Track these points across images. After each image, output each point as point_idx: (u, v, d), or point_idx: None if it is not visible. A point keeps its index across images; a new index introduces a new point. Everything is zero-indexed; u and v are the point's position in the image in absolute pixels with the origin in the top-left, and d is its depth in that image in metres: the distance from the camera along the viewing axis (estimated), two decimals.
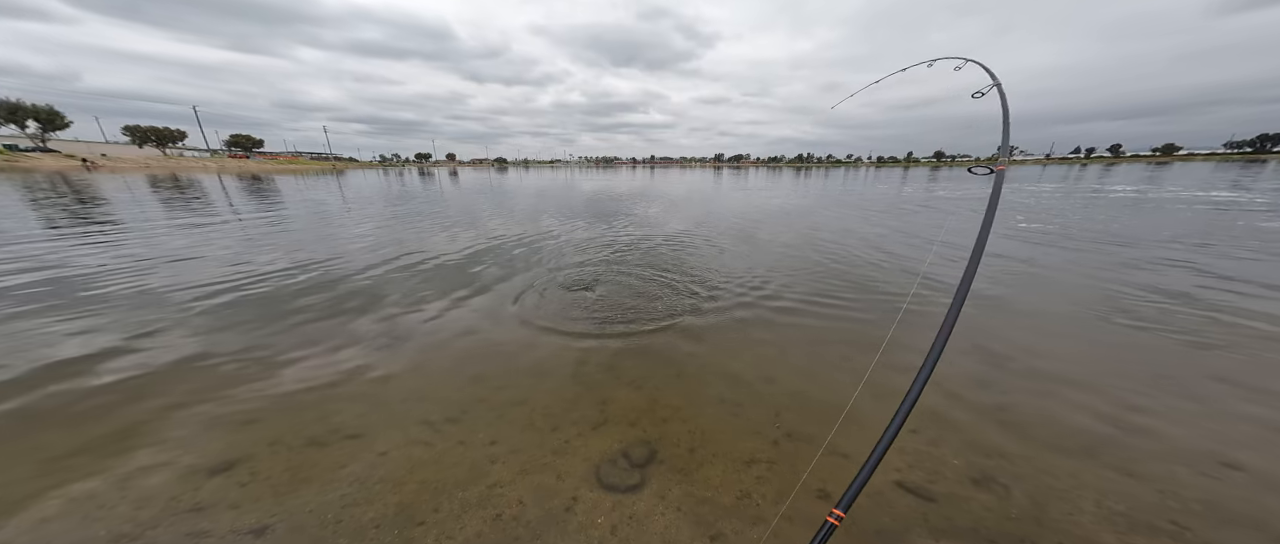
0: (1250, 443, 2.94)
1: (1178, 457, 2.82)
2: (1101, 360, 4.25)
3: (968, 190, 25.84)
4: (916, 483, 2.52)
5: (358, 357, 4.25)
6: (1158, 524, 2.26)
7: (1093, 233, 10.98)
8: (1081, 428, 3.13)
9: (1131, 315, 5.35)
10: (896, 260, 8.45)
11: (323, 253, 8.80)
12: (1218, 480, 2.59)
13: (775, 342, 4.62)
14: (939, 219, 14.66)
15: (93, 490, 2.55)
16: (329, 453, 2.87)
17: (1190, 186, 24.80)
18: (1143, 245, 9.31)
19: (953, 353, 4.34)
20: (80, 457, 2.85)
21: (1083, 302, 5.91)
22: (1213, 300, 5.76)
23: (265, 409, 3.38)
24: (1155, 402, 3.49)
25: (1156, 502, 2.42)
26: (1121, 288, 6.40)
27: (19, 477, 2.65)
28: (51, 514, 2.38)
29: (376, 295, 6.13)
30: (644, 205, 19.07)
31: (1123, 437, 3.03)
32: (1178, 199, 18.51)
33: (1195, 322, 5.08)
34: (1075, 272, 7.41)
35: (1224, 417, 3.26)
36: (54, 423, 3.22)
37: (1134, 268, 7.51)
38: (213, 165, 64.88)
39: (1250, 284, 6.40)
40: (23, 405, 3.42)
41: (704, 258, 8.64)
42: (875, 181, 41.53)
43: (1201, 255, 8.25)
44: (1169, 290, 6.24)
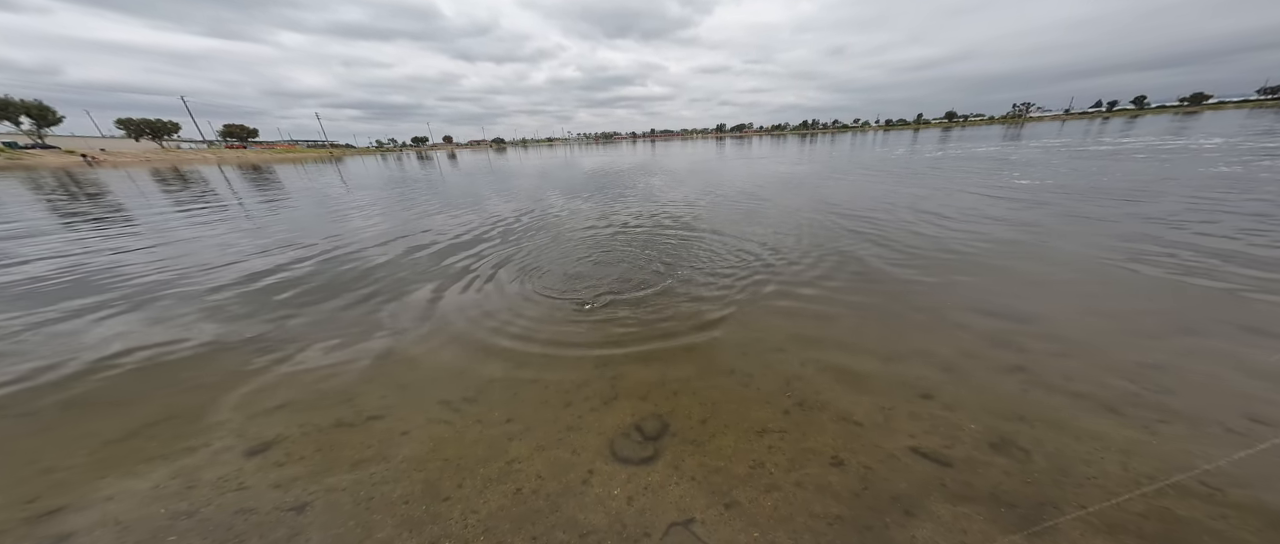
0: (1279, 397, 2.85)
1: (1206, 413, 2.75)
2: (1121, 316, 4.12)
3: (972, 150, 24.70)
4: (932, 448, 2.51)
5: (375, 340, 4.36)
6: (1187, 485, 2.22)
7: (1098, 189, 10.50)
8: (1104, 387, 3.06)
9: (1148, 268, 5.16)
10: (905, 225, 8.22)
11: (335, 240, 8.95)
12: (1247, 437, 2.53)
13: (784, 312, 4.58)
14: (943, 180, 14.18)
15: (146, 472, 2.71)
16: (356, 433, 2.98)
17: (1195, 136, 23.29)
18: (1146, 200, 8.87)
19: (968, 314, 4.26)
20: (132, 441, 3.02)
21: (1096, 258, 5.70)
22: (1221, 249, 5.50)
23: (292, 392, 3.51)
24: (1179, 357, 3.39)
25: (1185, 461, 2.37)
26: (1134, 243, 6.15)
27: (79, 462, 2.83)
28: (113, 493, 2.55)
29: (389, 280, 6.23)
30: (646, 179, 18.85)
31: (1147, 394, 2.95)
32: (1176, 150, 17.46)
33: (1211, 271, 4.88)
34: (1085, 229, 7.13)
35: (1252, 370, 3.16)
36: (103, 411, 3.41)
37: (1145, 221, 7.18)
38: (212, 157, 65.37)
39: (1242, 233, 6.08)
40: (73, 395, 3.62)
41: (708, 230, 8.53)
42: (882, 145, 40.22)
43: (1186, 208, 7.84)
44: (1181, 243, 5.98)
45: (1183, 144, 21.01)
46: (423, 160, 54.92)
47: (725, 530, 2.06)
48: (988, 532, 1.98)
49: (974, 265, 5.72)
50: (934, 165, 18.73)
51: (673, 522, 2.12)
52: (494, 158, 54.34)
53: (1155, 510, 2.10)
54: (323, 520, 2.30)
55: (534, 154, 65.95)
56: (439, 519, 2.25)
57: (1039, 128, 66.60)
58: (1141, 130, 37.24)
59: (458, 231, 9.48)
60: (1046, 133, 46.07)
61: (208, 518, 2.36)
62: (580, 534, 2.11)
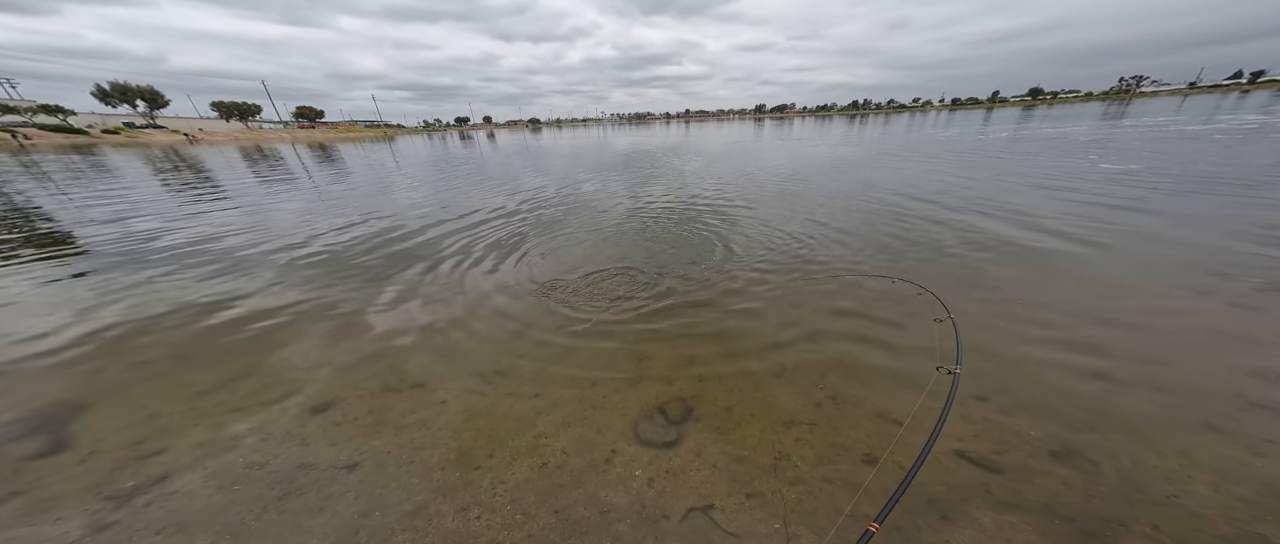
0: None
1: None
2: (1219, 323, 3.57)
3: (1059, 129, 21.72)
4: (980, 454, 2.32)
5: (418, 310, 4.62)
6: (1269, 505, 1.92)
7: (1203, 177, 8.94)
8: (1199, 401, 2.68)
9: (1251, 276, 4.39)
10: (953, 215, 7.49)
11: (389, 215, 9.49)
12: None
13: (820, 302, 4.36)
14: (1008, 164, 12.68)
15: (230, 424, 3.06)
16: (401, 399, 3.20)
17: None
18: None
19: (1038, 310, 3.85)
20: (219, 393, 3.42)
21: (1195, 260, 4.92)
22: None
23: (350, 356, 3.81)
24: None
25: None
26: (1232, 244, 5.24)
27: (179, 410, 3.25)
28: (203, 440, 2.92)
29: (435, 253, 6.55)
30: (680, 160, 18.42)
31: (1251, 412, 2.56)
32: None
33: None
34: (1185, 226, 6.15)
35: None
36: (197, 363, 3.87)
37: (1245, 219, 6.06)
38: (287, 136, 71.95)
39: None
40: (174, 348, 4.13)
41: (743, 215, 8.22)
42: (946, 126, 36.59)
43: None
44: None
45: None
46: (464, 140, 56.76)
47: (745, 519, 2.03)
48: (1034, 541, 1.82)
49: (1047, 257, 5.15)
50: (1010, 145, 16.79)
51: (692, 507, 2.12)
52: (530, 138, 55.14)
53: (1246, 536, 1.84)
54: (370, 480, 2.50)
55: (568, 134, 66.34)
56: (470, 487, 2.38)
57: (1151, 104, 57.54)
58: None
59: (497, 209, 9.75)
60: (1163, 109, 39.84)
61: (276, 470, 2.63)
62: (601, 512, 2.16)
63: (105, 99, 69.41)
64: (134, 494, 2.46)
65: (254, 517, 2.28)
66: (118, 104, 71.33)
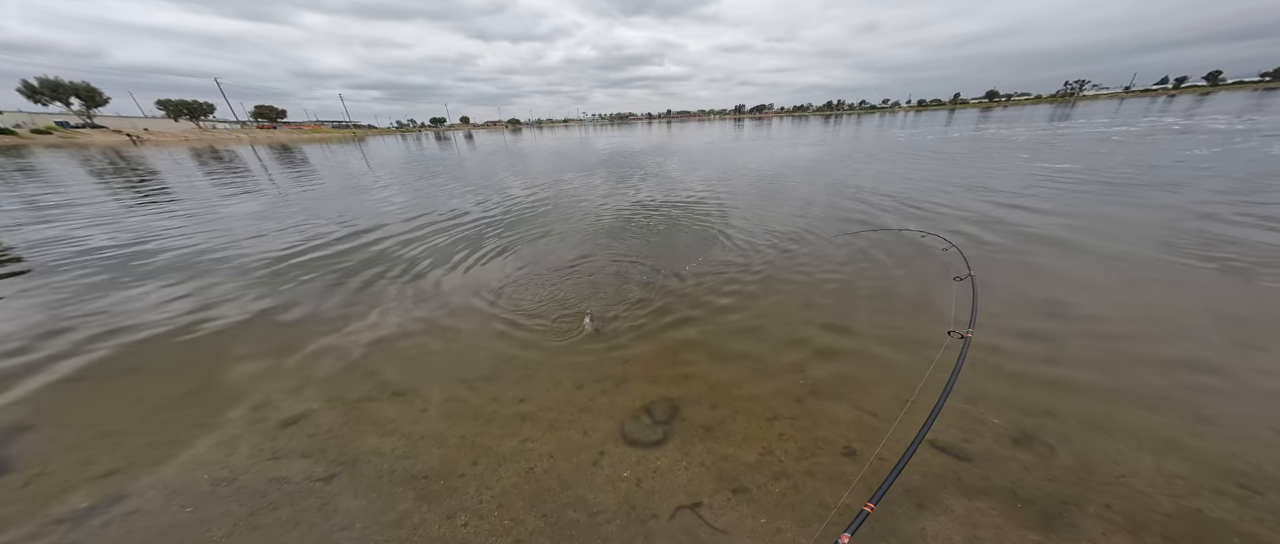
0: None
1: (1251, 412, 2.59)
2: (1159, 308, 3.89)
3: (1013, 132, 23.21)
4: (950, 442, 2.45)
5: (397, 317, 4.50)
6: (1225, 487, 2.11)
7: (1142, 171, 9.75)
8: (1141, 383, 2.91)
9: (1188, 260, 4.82)
10: (924, 211, 7.88)
11: (362, 220, 9.19)
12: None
13: (800, 298, 4.50)
14: (958, 165, 13.45)
15: (190, 440, 2.90)
16: (379, 408, 3.11)
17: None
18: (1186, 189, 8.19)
19: (997, 304, 4.09)
20: (177, 409, 3.24)
21: (1135, 248, 5.35)
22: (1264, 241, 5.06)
23: (322, 367, 3.67)
24: (1224, 353, 3.19)
25: (1223, 464, 2.25)
26: (1173, 232, 5.74)
27: (131, 428, 3.05)
28: (161, 458, 2.75)
29: (413, 259, 6.38)
30: (662, 160, 18.65)
31: (1187, 393, 2.80)
32: None
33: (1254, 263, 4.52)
34: (1124, 216, 6.68)
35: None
36: (152, 378, 3.65)
37: (1185, 211, 6.66)
38: (245, 137, 67.22)
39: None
40: (129, 363, 3.88)
41: (724, 213, 8.39)
42: (913, 126, 38.54)
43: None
44: (1224, 236, 5.55)
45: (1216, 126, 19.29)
46: (441, 141, 55.59)
47: (732, 515, 2.08)
48: (1002, 526, 1.94)
49: (1006, 252, 5.47)
50: (971, 144, 17.81)
51: (680, 505, 2.15)
52: (510, 139, 54.51)
53: (1185, 512, 2.01)
54: (349, 491, 2.42)
55: (549, 135, 66.00)
56: (456, 494, 2.34)
57: (1093, 106, 62.30)
58: (1207, 109, 34.38)
59: (477, 212, 9.59)
60: (1102, 111, 43.11)
61: (246, 485, 2.52)
62: (589, 513, 2.16)
63: (34, 96, 63.71)
64: (89, 515, 2.30)
65: (224, 534, 2.18)
66: (48, 102, 65.77)
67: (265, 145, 46.49)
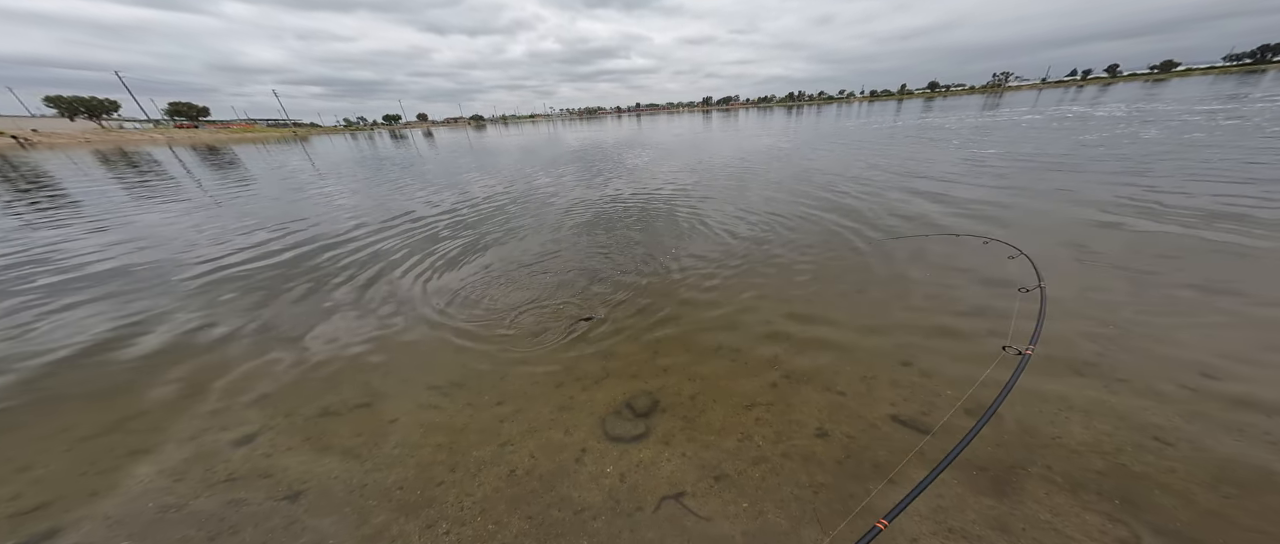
0: (1228, 350, 3.02)
1: (1161, 371, 2.91)
2: (1082, 278, 4.30)
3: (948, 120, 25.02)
4: (911, 416, 2.62)
5: (356, 327, 4.29)
6: (1143, 442, 2.36)
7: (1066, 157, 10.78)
8: (1069, 349, 3.20)
9: (1105, 232, 5.37)
10: (881, 198, 8.33)
11: (309, 225, 8.66)
12: (1197, 392, 2.69)
13: (771, 286, 4.65)
14: (912, 152, 14.34)
15: (129, 467, 2.66)
16: (343, 422, 2.96)
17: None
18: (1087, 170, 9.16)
19: (947, 275, 4.38)
20: (110, 436, 2.95)
21: (1063, 222, 5.89)
22: (1178, 212, 5.73)
23: (275, 383, 3.45)
24: (1137, 316, 3.56)
25: (1141, 419, 2.52)
26: (1095, 206, 6.38)
27: (57, 459, 2.76)
28: (98, 489, 2.51)
29: (371, 265, 6.08)
30: (636, 153, 18.68)
31: (1109, 355, 3.10)
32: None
33: (1170, 237, 5.10)
34: (1056, 192, 7.34)
35: (1202, 326, 3.35)
36: (76, 406, 3.30)
37: (1112, 186, 7.42)
38: (161, 137, 60.32)
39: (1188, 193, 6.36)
40: (44, 392, 3.49)
41: (697, 206, 8.52)
42: (865, 116, 40.60)
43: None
44: (1139, 205, 6.23)
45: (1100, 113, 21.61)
46: (397, 139, 53.07)
47: (715, 502, 2.14)
48: (962, 495, 2.10)
49: (960, 234, 5.86)
50: (922, 132, 18.97)
51: (665, 496, 2.19)
52: (474, 136, 52.75)
53: (1113, 468, 2.25)
54: (318, 508, 2.30)
55: (516, 131, 64.47)
56: (434, 503, 2.28)
57: (1017, 97, 67.78)
58: (1110, 98, 38.14)
59: (441, 213, 9.25)
60: (1023, 101, 46.85)
61: (198, 510, 2.34)
62: (575, 512, 2.16)
63: None
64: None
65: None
66: None
67: (187, 146, 42.68)
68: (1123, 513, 1.94)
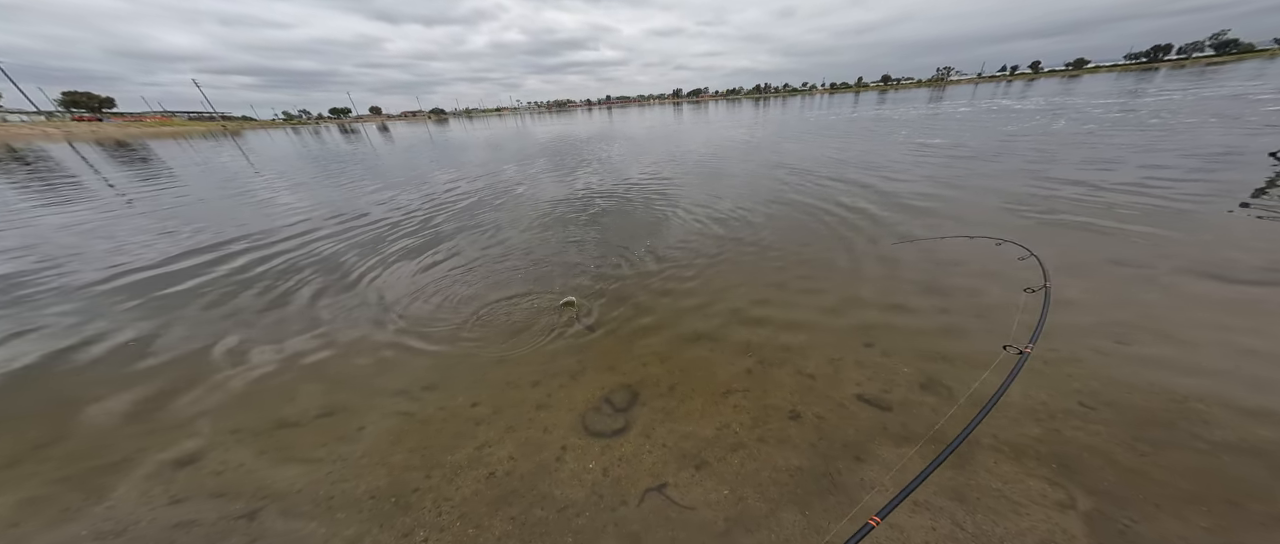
0: (1142, 319, 3.39)
1: (1087, 337, 3.21)
2: (1022, 257, 4.67)
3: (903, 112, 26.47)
4: (874, 394, 2.78)
5: (311, 333, 4.03)
6: (1071, 408, 2.62)
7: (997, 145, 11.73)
8: (1008, 320, 3.47)
9: (1031, 210, 5.91)
10: (850, 185, 8.70)
11: (245, 226, 8.01)
12: (1109, 356, 3.00)
13: (744, 274, 4.76)
14: (869, 144, 15.09)
15: (54, 496, 2.40)
16: (302, 434, 2.79)
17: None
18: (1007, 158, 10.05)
19: (901, 263, 4.65)
20: (20, 466, 2.65)
21: (992, 206, 6.41)
22: (1096, 197, 6.39)
23: (220, 397, 3.21)
24: (1066, 288, 3.91)
25: (1067, 383, 2.78)
26: (1020, 191, 6.99)
27: None
28: (18, 519, 2.25)
29: (324, 268, 5.72)
30: (606, 147, 18.54)
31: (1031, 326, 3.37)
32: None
33: (1090, 211, 5.68)
34: (982, 182, 7.96)
35: (1121, 296, 3.74)
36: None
37: (1028, 177, 8.15)
38: (56, 131, 53.08)
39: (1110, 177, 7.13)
40: None
41: (671, 198, 8.57)
42: (826, 108, 42.16)
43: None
44: (1047, 192, 6.88)
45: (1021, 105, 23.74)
46: (348, 134, 49.81)
47: (697, 491, 2.19)
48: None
49: (907, 219, 6.21)
50: (877, 125, 19.89)
51: (648, 488, 2.22)
52: (435, 130, 50.25)
53: (1049, 434, 2.48)
54: (280, 524, 2.17)
55: (481, 125, 61.94)
56: (411, 510, 2.20)
57: (957, 90, 72.39)
58: (1033, 92, 41.50)
59: (402, 211, 8.80)
60: (963, 94, 50.08)
61: (140, 535, 2.16)
62: (558, 510, 2.15)
63: None
64: None
65: None
66: None
67: (90, 141, 38.10)
68: (1060, 477, 2.15)
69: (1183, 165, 7.83)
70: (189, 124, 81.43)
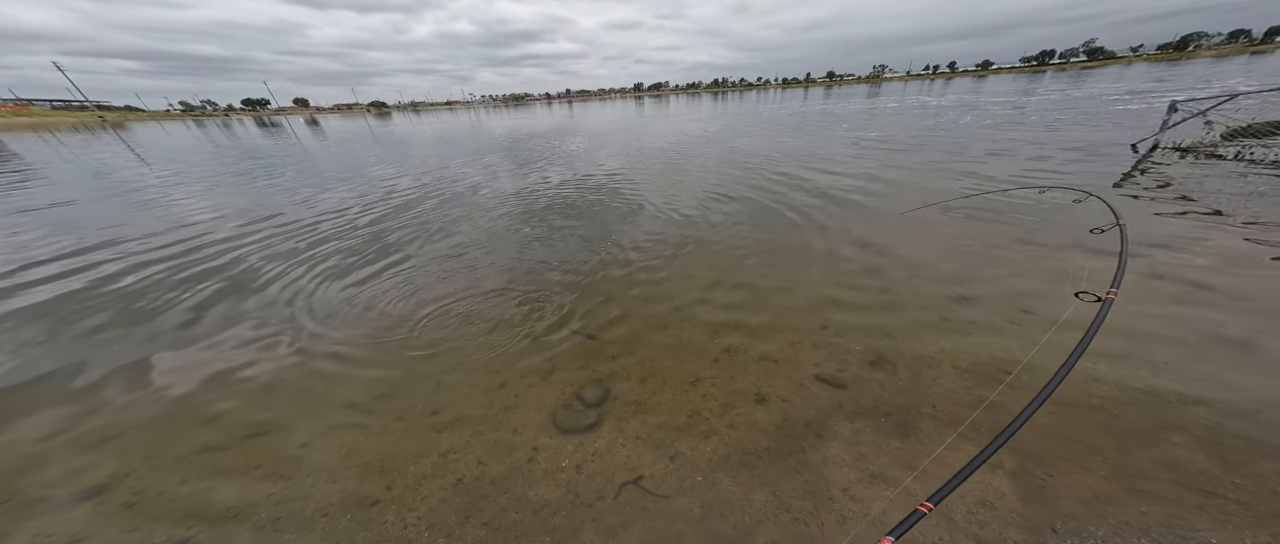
0: (1042, 292, 3.84)
1: (994, 314, 3.58)
2: (940, 243, 5.14)
3: (846, 106, 28.20)
4: (830, 374, 2.95)
5: (240, 348, 3.65)
6: (988, 372, 2.91)
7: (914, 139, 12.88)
8: (939, 298, 3.82)
9: (953, 198, 6.55)
10: (797, 176, 9.12)
11: (140, 233, 6.99)
12: (1020, 325, 3.39)
13: (708, 263, 4.86)
14: (819, 134, 15.93)
15: None
16: (234, 455, 2.52)
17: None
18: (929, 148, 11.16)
19: (848, 247, 4.97)
20: None
21: (931, 193, 7.03)
22: (994, 184, 7.21)
23: (126, 421, 2.82)
24: (979, 271, 4.34)
25: (987, 354, 3.08)
26: (939, 185, 7.73)
27: None
28: None
29: (255, 274, 5.14)
30: (568, 141, 18.05)
31: (957, 306, 3.74)
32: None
33: (997, 205, 6.37)
34: (912, 177, 8.72)
35: (1021, 277, 4.23)
36: None
37: (944, 168, 9.03)
38: None
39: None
40: None
41: (633, 193, 8.52)
42: (779, 102, 43.89)
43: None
44: (964, 178, 7.69)
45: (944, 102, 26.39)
46: (267, 127, 44.45)
47: (672, 480, 2.23)
48: (876, 440, 2.44)
49: (849, 207, 6.62)
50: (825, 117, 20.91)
51: (624, 481, 2.23)
52: (376, 124, 46.13)
53: (975, 399, 2.78)
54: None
55: (431, 119, 57.62)
56: (371, 525, 2.06)
57: (891, 86, 78.00)
58: (952, 90, 45.63)
59: (335, 211, 8.04)
60: (895, 91, 53.97)
61: None
62: (533, 511, 2.11)
63: None
64: None
65: None
66: None
67: None
68: (988, 440, 2.41)
69: (1062, 156, 8.97)
70: (53, 115, 68.35)
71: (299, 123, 56.03)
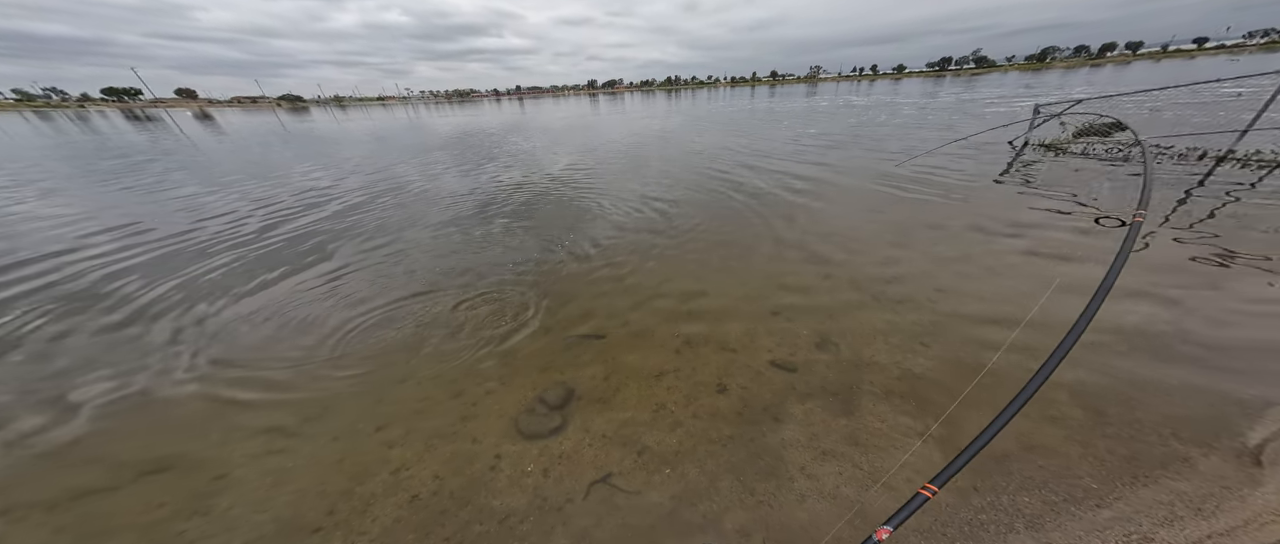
0: (953, 279, 4.34)
1: (917, 291, 4.00)
2: (873, 226, 5.64)
3: (789, 105, 29.66)
4: (783, 358, 3.12)
5: (107, 377, 3.07)
6: (914, 346, 3.24)
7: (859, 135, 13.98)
8: (870, 280, 4.18)
9: (887, 184, 7.20)
10: (746, 170, 9.44)
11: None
12: (936, 303, 3.82)
13: (664, 257, 4.90)
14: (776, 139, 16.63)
15: None
16: (126, 497, 2.16)
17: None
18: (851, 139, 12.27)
19: (794, 236, 5.25)
20: None
21: (861, 186, 7.65)
22: (930, 177, 8.05)
23: None
24: (904, 251, 4.81)
25: (912, 329, 3.41)
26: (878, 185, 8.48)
27: None
28: None
29: (133, 292, 4.34)
30: (519, 140, 17.09)
31: (888, 285, 4.12)
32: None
33: (919, 190, 7.10)
34: (847, 172, 9.46)
35: (934, 256, 4.74)
36: None
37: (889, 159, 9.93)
38: None
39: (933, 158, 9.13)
40: None
41: (590, 187, 8.32)
42: (728, 100, 45.00)
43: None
44: (895, 172, 8.52)
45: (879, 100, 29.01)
46: (139, 121, 37.41)
47: (641, 475, 2.24)
48: (826, 419, 2.63)
49: (796, 199, 6.99)
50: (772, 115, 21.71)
51: (593, 481, 2.20)
52: (289, 120, 40.32)
53: (905, 374, 3.08)
54: None
55: (361, 115, 51.36)
56: None
57: (826, 86, 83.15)
58: (875, 90, 49.76)
59: (233, 218, 7.00)
60: (829, 91, 57.58)
61: None
62: (499, 520, 2.02)
63: None
64: None
65: None
66: None
67: None
68: (917, 411, 2.69)
69: (957, 151, 10.12)
70: None
71: (185, 116, 47.97)
